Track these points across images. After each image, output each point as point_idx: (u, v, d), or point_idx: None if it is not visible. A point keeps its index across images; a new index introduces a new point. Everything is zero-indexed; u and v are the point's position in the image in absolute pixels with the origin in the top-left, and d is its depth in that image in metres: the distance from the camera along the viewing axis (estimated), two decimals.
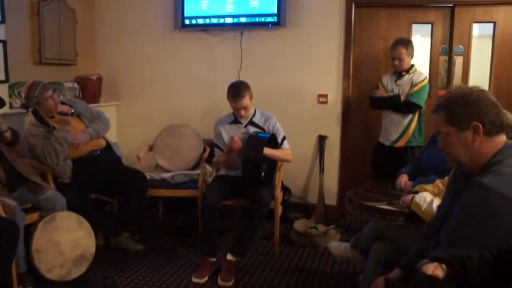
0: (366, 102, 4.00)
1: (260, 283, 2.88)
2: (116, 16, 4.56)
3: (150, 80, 4.54)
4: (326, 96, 4.09)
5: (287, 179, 4.01)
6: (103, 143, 3.40)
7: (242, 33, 4.16)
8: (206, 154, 3.66)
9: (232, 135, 3.08)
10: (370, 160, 3.82)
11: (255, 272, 3.04)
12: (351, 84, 4.05)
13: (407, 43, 3.51)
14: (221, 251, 3.15)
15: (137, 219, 3.30)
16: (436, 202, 1.95)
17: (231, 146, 3.02)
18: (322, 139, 4.12)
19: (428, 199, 2.00)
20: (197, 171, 3.59)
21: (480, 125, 1.49)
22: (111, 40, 4.58)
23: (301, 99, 4.13)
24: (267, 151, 3.03)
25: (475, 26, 3.83)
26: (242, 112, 3.13)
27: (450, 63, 3.90)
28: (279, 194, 3.29)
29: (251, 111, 3.24)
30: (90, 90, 4.28)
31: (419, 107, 3.47)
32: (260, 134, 3.09)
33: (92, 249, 2.91)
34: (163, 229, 3.81)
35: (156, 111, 4.49)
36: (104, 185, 3.28)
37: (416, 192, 2.19)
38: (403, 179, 2.70)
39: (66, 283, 2.68)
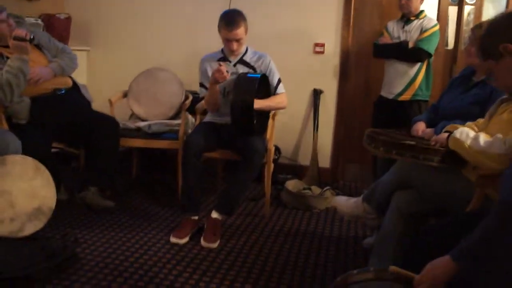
0: (367, 53, 3.62)
1: (250, 245, 2.49)
2: None
3: (126, 23, 4.00)
4: (323, 45, 3.68)
5: (276, 137, 3.59)
6: (69, 82, 2.91)
7: None
8: (188, 102, 3.21)
9: (220, 63, 2.63)
10: (369, 118, 3.44)
11: (243, 234, 2.65)
12: (351, 33, 3.64)
13: None
14: (204, 210, 2.75)
15: (107, 171, 2.85)
16: (484, 137, 1.57)
17: (216, 75, 2.57)
18: (317, 93, 3.72)
19: (471, 134, 1.62)
20: (178, 121, 3.15)
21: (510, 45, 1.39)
22: None
23: (295, 47, 3.70)
24: (258, 102, 2.60)
25: None
26: (235, 45, 2.69)
27: (460, 14, 3.53)
28: (272, 147, 2.88)
29: (243, 48, 2.80)
30: (56, 30, 3.73)
31: (429, 55, 3.09)
32: (249, 75, 2.67)
33: (52, 203, 2.44)
34: (137, 187, 3.37)
35: (132, 59, 3.96)
36: (68, 131, 2.81)
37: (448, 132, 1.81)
38: (420, 127, 2.32)
39: (17, 239, 2.23)
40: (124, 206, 2.95)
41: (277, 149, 3.73)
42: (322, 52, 3.69)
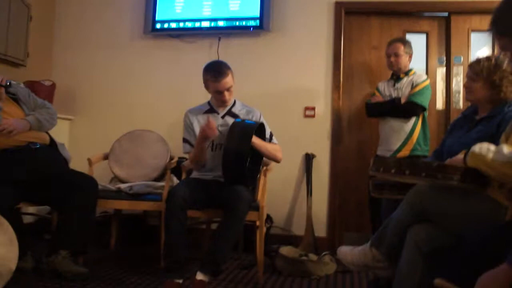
0: (359, 115, 3.59)
1: None
2: (78, 17, 4.02)
3: (111, 93, 3.92)
4: (313, 108, 3.61)
5: (267, 205, 3.33)
6: (46, 138, 2.71)
7: (219, 39, 3.72)
8: (174, 162, 3.00)
9: (209, 119, 2.49)
10: (366, 181, 3.26)
11: None
12: (341, 96, 3.60)
13: (404, 41, 3.17)
14: (188, 273, 2.40)
15: (81, 234, 2.54)
16: (507, 148, 1.38)
17: (205, 131, 2.41)
18: (309, 158, 3.56)
19: (492, 147, 1.43)
20: (161, 183, 2.92)
21: None
22: (70, 44, 4.00)
23: (285, 112, 3.61)
24: (257, 140, 2.45)
25: (473, 36, 3.54)
26: (226, 95, 2.57)
27: (448, 74, 3.55)
28: (264, 204, 2.64)
29: (232, 100, 2.69)
30: (40, 96, 3.60)
31: (423, 109, 3.03)
32: (246, 121, 2.53)
33: (12, 264, 2.11)
34: (114, 259, 3.02)
35: (117, 127, 3.74)
36: (40, 188, 2.54)
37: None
38: None
39: None
40: (98, 274, 2.59)
41: (269, 218, 3.47)
42: (313, 116, 3.61)
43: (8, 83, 2.41)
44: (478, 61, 2.09)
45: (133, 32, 3.91)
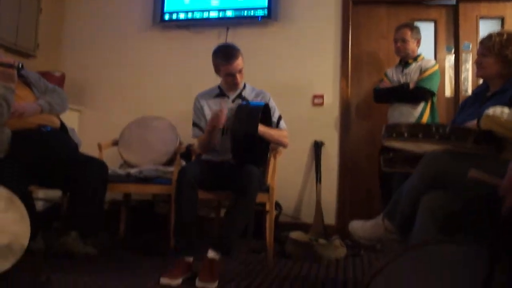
0: (367, 103, 3.58)
1: None
2: (88, 9, 4.07)
3: (120, 84, 3.96)
4: (322, 96, 3.61)
5: (276, 193, 3.33)
6: (56, 121, 2.73)
7: (228, 29, 3.74)
8: (183, 146, 3.01)
9: (221, 107, 2.49)
10: (374, 168, 3.25)
11: (244, 279, 2.29)
12: (349, 84, 3.60)
13: (412, 26, 3.16)
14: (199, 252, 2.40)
15: (91, 216, 2.55)
16: None
17: (216, 119, 2.41)
18: (318, 146, 3.56)
19: (506, 109, 1.43)
20: (171, 168, 2.92)
21: None
22: (79, 35, 4.06)
23: (294, 100, 3.61)
24: (261, 128, 2.44)
25: (481, 23, 3.53)
26: (238, 77, 2.57)
27: (457, 62, 3.54)
28: (274, 185, 2.63)
29: (242, 83, 2.69)
30: None
31: (432, 94, 3.01)
32: (252, 103, 2.52)
33: (24, 241, 2.11)
34: (124, 245, 3.02)
35: (126, 121, 3.83)
36: (51, 171, 2.55)
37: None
38: None
39: None
40: (108, 254, 2.60)
41: (278, 205, 3.46)
42: (322, 104, 3.61)
43: (20, 65, 2.43)
44: (490, 36, 2.08)
45: (142, 23, 3.94)
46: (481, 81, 2.37)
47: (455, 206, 1.56)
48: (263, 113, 2.50)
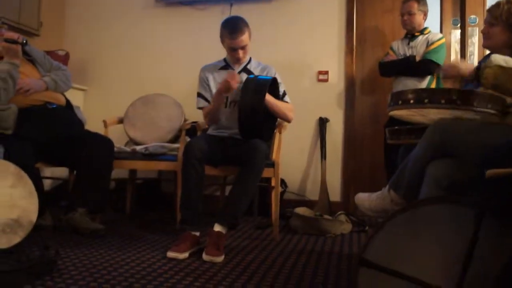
0: (372, 79, 3.56)
1: (259, 262, 2.14)
2: None
3: (124, 62, 3.96)
4: (326, 73, 3.59)
5: (281, 170, 3.34)
6: (61, 99, 2.74)
7: (231, 5, 3.70)
8: (188, 123, 3.01)
9: (231, 72, 2.48)
10: (379, 145, 3.25)
11: (250, 252, 2.32)
12: (354, 60, 3.57)
13: None
14: (205, 227, 2.42)
15: (98, 193, 2.58)
16: None
17: (229, 83, 2.39)
18: (323, 122, 3.55)
19: (507, 58, 1.40)
20: (176, 145, 2.93)
21: None
22: (82, 13, 4.04)
23: (298, 76, 3.60)
24: (268, 97, 2.44)
25: None
26: (240, 53, 2.56)
27: (463, 36, 3.49)
28: (279, 160, 2.64)
29: (247, 57, 2.68)
30: None
31: (438, 66, 2.98)
32: (260, 77, 2.51)
33: (33, 216, 2.14)
34: (130, 221, 3.06)
35: (130, 99, 3.82)
36: (57, 147, 2.57)
37: None
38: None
39: None
40: (115, 230, 2.64)
41: (283, 183, 3.47)
42: (326, 80, 3.59)
43: (24, 41, 2.42)
44: (498, 4, 2.04)
45: (145, 0, 3.90)
46: (487, 52, 2.34)
47: (461, 174, 1.56)
48: (271, 87, 2.49)
